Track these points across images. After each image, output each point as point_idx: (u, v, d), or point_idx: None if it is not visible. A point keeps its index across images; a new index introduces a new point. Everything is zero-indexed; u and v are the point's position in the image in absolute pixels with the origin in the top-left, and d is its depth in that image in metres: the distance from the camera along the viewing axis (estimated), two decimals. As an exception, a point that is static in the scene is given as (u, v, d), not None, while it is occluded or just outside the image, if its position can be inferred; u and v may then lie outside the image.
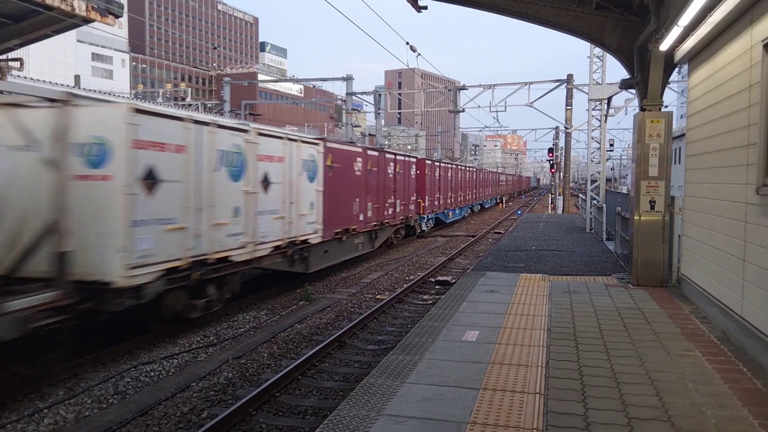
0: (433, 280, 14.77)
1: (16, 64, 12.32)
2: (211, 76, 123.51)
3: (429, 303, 12.21)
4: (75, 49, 73.38)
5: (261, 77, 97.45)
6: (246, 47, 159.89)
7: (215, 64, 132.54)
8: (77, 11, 10.14)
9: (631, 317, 7.67)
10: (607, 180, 26.32)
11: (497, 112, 31.95)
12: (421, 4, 10.41)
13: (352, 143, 18.25)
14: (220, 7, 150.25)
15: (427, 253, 20.46)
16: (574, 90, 29.87)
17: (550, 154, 41.48)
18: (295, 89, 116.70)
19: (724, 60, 7.19)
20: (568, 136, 32.40)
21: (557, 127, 43.27)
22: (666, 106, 10.14)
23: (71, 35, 65.04)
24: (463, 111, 32.97)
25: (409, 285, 13.70)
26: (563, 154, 35.63)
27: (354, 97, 33.73)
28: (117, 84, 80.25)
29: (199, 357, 8.80)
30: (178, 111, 12.83)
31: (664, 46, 8.43)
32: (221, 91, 35.46)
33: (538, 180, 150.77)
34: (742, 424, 4.35)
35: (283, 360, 8.63)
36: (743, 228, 6.29)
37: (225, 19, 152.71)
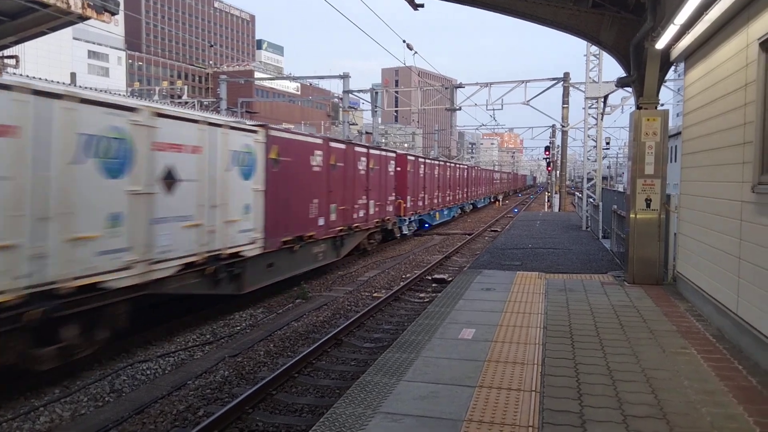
0: (429, 278, 14.79)
1: (12, 62, 12.28)
2: (208, 74, 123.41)
3: (426, 301, 12.23)
4: (71, 47, 73.28)
5: (257, 75, 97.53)
6: (242, 45, 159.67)
7: (212, 62, 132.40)
8: (73, 8, 10.11)
9: (627, 315, 7.69)
10: (604, 178, 26.38)
11: (494, 110, 32.07)
12: (417, 1, 10.41)
13: (311, 134, 15.55)
14: (217, 4, 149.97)
15: (424, 251, 20.49)
16: (571, 88, 29.87)
17: (547, 152, 41.44)
18: (291, 87, 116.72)
19: (720, 58, 7.19)
20: (565, 134, 32.42)
21: (554, 126, 43.31)
22: (662, 105, 10.17)
23: (67, 33, 65.00)
24: (460, 109, 32.95)
25: (405, 283, 13.71)
26: (560, 153, 35.67)
27: (351, 95, 33.68)
28: (113, 82, 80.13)
29: (196, 355, 8.80)
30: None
31: (661, 44, 8.44)
32: (218, 88, 35.37)
33: (535, 178, 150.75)
34: (737, 422, 4.36)
35: (280, 358, 8.64)
36: (739, 226, 6.31)
37: (221, 17, 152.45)
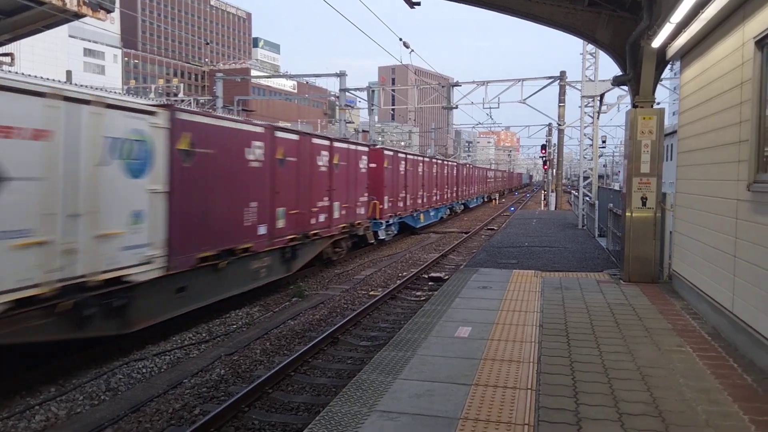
0: (426, 277, 14.79)
1: (7, 59, 12.26)
2: (204, 72, 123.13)
3: (422, 299, 12.23)
4: (67, 45, 73.06)
5: (254, 73, 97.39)
6: (239, 43, 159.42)
7: (208, 60, 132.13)
8: (68, 6, 10.10)
9: (623, 313, 7.70)
10: (600, 177, 26.38)
11: (490, 108, 31.95)
12: (414, 0, 10.40)
13: (248, 121, 12.33)
14: (213, 2, 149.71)
15: (421, 249, 20.50)
16: (567, 87, 29.93)
17: (543, 151, 41.56)
18: (288, 85, 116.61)
19: (716, 57, 7.21)
20: (561, 132, 32.51)
21: (550, 124, 43.38)
22: (658, 103, 10.17)
23: (63, 30, 64.82)
24: (457, 108, 33.00)
25: (402, 281, 13.71)
26: (556, 151, 35.74)
27: (347, 93, 33.66)
28: (109, 80, 79.92)
29: (192, 354, 8.78)
30: None
31: (657, 43, 8.45)
32: (214, 86, 35.30)
33: (531, 177, 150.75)
34: (732, 420, 4.37)
35: (276, 356, 8.63)
36: (734, 224, 6.32)
37: (218, 15, 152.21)
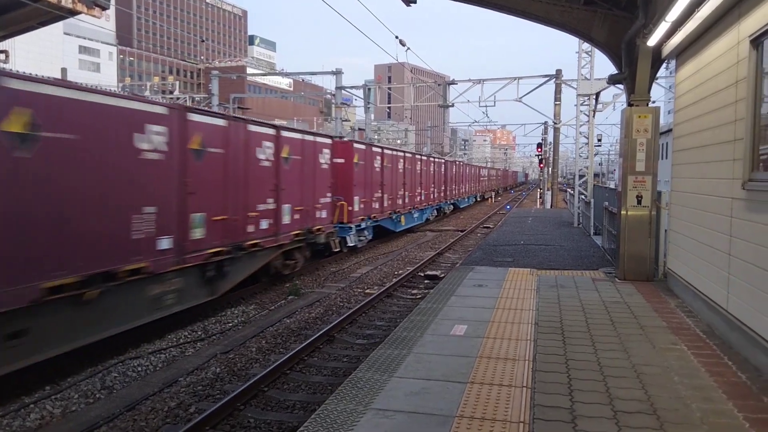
0: (422, 275, 14.79)
1: (2, 57, 12.19)
2: (199, 70, 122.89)
3: (418, 297, 12.23)
4: (62, 42, 72.81)
5: (250, 71, 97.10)
6: (234, 40, 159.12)
7: (203, 58, 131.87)
8: (63, 3, 10.05)
9: (618, 311, 7.72)
10: (595, 175, 26.40)
11: (486, 107, 31.94)
12: (410, -2, 10.39)
13: (133, 95, 8.97)
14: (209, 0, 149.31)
15: (417, 247, 20.52)
16: (563, 85, 29.91)
17: (539, 149, 41.56)
18: (284, 83, 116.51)
19: (712, 55, 7.22)
20: (557, 131, 32.52)
21: (546, 122, 43.44)
22: (653, 102, 10.19)
23: (58, 27, 64.55)
24: (453, 106, 32.95)
25: (398, 279, 13.71)
26: (552, 149, 35.77)
27: (343, 91, 33.58)
28: (104, 77, 79.69)
29: (187, 352, 8.77)
30: None
31: (652, 42, 8.46)
32: (209, 84, 35.18)
33: (527, 175, 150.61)
34: (727, 417, 4.39)
35: (272, 354, 8.62)
36: (729, 223, 6.34)
37: (213, 12, 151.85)
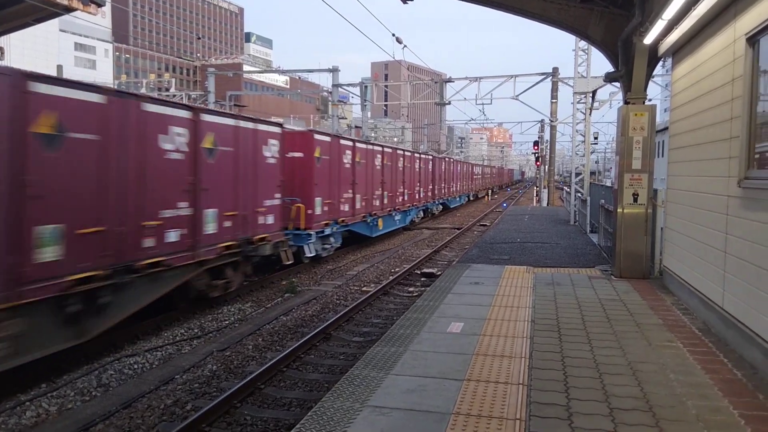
0: (418, 272, 14.80)
1: (-3, 54, 12.13)
2: (196, 67, 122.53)
3: (414, 295, 12.24)
4: (57, 39, 72.55)
5: (246, 68, 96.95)
6: (231, 38, 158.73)
7: (200, 55, 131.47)
8: (59, 0, 10.00)
9: (614, 309, 7.73)
10: (592, 173, 26.47)
11: (483, 104, 31.92)
12: (407, -5, 10.39)
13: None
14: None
15: (413, 245, 20.52)
16: (560, 83, 29.94)
17: (536, 147, 41.59)
18: (280, 80, 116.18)
19: (708, 53, 7.23)
20: (553, 129, 32.52)
21: (542, 120, 43.46)
22: (650, 100, 10.20)
23: (53, 24, 64.31)
24: (449, 104, 32.92)
25: (394, 277, 13.72)
26: (548, 147, 35.79)
27: (340, 88, 33.58)
28: (100, 74, 79.42)
29: (184, 349, 8.76)
30: None
31: (648, 40, 8.47)
32: (206, 81, 35.12)
33: (523, 173, 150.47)
34: (722, 415, 4.40)
35: (269, 352, 8.61)
36: (725, 220, 6.35)
37: (210, 9, 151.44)
